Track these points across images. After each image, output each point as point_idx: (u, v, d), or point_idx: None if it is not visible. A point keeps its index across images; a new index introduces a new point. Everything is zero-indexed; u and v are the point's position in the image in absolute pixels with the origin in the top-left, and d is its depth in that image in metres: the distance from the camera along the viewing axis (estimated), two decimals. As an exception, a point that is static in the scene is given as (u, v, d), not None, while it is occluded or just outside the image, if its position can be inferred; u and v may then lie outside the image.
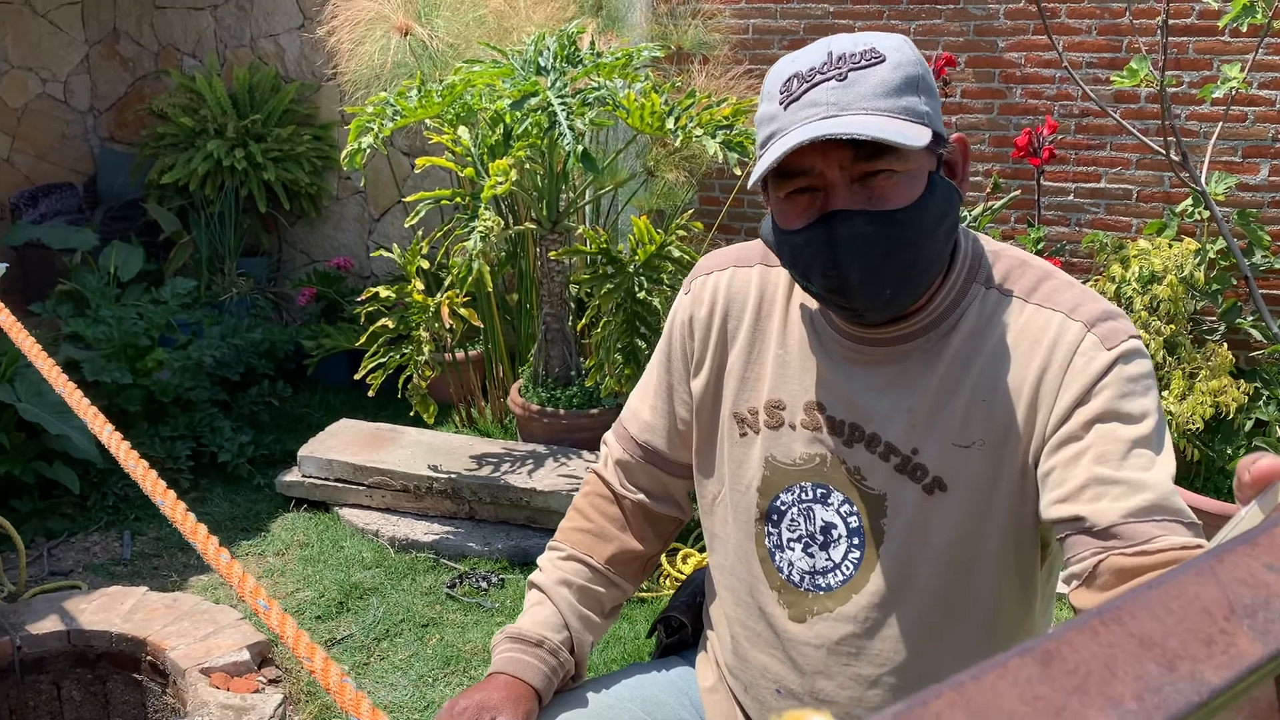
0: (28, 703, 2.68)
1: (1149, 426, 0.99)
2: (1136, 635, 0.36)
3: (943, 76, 3.69)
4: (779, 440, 1.14)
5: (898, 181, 0.99)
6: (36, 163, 6.08)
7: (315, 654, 0.83)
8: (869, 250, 0.99)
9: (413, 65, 3.57)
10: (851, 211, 0.99)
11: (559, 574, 1.24)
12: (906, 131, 0.96)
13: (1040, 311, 1.04)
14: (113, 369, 3.70)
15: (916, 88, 1.00)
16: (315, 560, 3.26)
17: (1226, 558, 0.40)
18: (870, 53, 0.99)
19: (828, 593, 1.12)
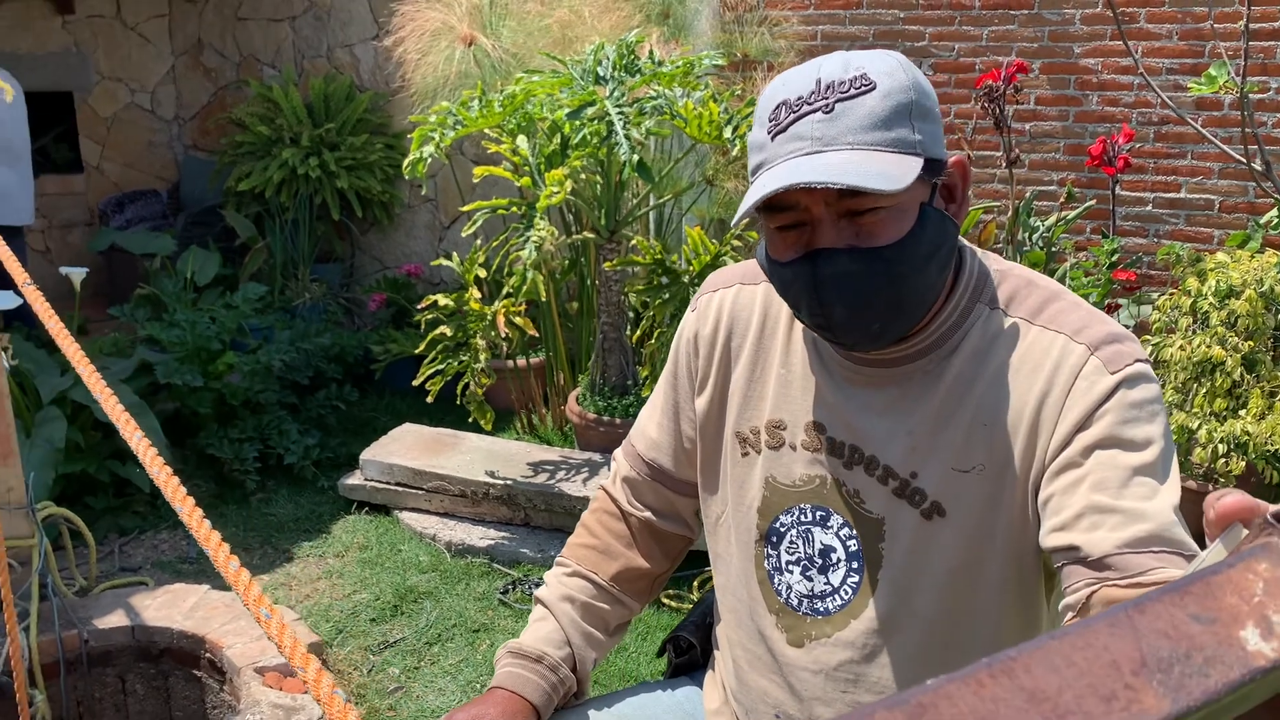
0: (94, 695, 2.77)
1: (1152, 454, 0.95)
2: (1027, 689, 0.34)
3: (1014, 83, 3.61)
4: (779, 461, 1.12)
5: (883, 217, 0.96)
6: (124, 170, 6.30)
7: (310, 664, 0.84)
8: (853, 289, 0.97)
9: (477, 75, 3.62)
10: (836, 250, 0.96)
11: (563, 590, 1.23)
12: (891, 171, 0.92)
13: (1044, 333, 1.01)
14: (184, 371, 3.80)
15: (909, 115, 0.96)
16: (373, 563, 3.31)
17: (1149, 607, 0.38)
18: (860, 80, 0.95)
19: (826, 617, 1.09)
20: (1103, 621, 0.37)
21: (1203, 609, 0.39)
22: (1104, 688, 0.35)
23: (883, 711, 0.32)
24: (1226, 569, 0.41)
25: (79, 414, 3.45)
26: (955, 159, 1.03)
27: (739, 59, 4.33)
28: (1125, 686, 0.35)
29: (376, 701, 2.60)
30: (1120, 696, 0.34)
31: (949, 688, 0.33)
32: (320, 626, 2.92)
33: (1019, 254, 3.88)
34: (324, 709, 0.84)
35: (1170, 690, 0.35)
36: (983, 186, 4.41)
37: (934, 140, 0.99)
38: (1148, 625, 0.37)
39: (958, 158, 1.04)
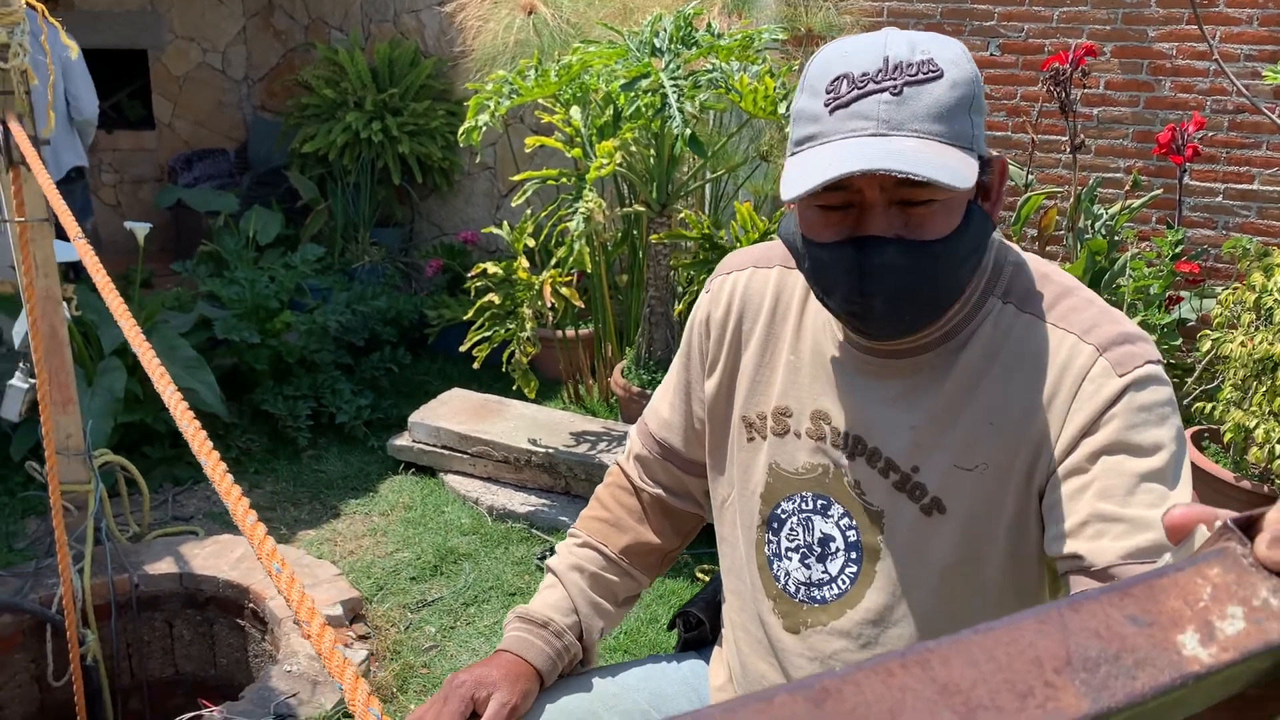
0: (142, 637, 2.86)
1: (1161, 460, 0.93)
2: (939, 681, 0.34)
3: (1081, 67, 3.52)
4: (784, 447, 1.11)
5: (936, 211, 0.93)
6: (195, 128, 6.42)
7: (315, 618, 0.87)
8: (898, 281, 0.94)
9: (536, 44, 3.62)
10: (886, 240, 0.93)
11: (573, 560, 1.24)
12: (958, 167, 0.90)
13: (1054, 331, 0.99)
14: (242, 328, 3.88)
15: (969, 108, 0.94)
16: (416, 523, 3.36)
17: (1084, 606, 0.38)
18: (928, 65, 0.92)
19: (822, 605, 1.09)
20: (1032, 618, 0.37)
21: (1141, 611, 0.38)
22: (1022, 684, 0.34)
23: (785, 695, 0.32)
24: (1174, 573, 0.41)
25: (139, 366, 3.54)
26: (998, 159, 1.01)
27: (801, 34, 4.28)
28: (1045, 684, 0.35)
29: (411, 658, 2.65)
30: (1037, 693, 0.34)
31: (858, 675, 0.33)
32: (361, 583, 2.98)
33: (1080, 241, 3.79)
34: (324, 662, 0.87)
35: (1092, 690, 0.35)
36: (1046, 171, 4.31)
37: (982, 136, 0.97)
38: (1079, 624, 0.37)
39: (1000, 157, 1.01)
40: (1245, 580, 0.41)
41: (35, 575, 2.81)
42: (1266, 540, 0.42)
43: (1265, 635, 0.39)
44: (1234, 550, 0.43)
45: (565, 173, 2.98)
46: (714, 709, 0.31)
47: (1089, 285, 3.65)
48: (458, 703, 1.07)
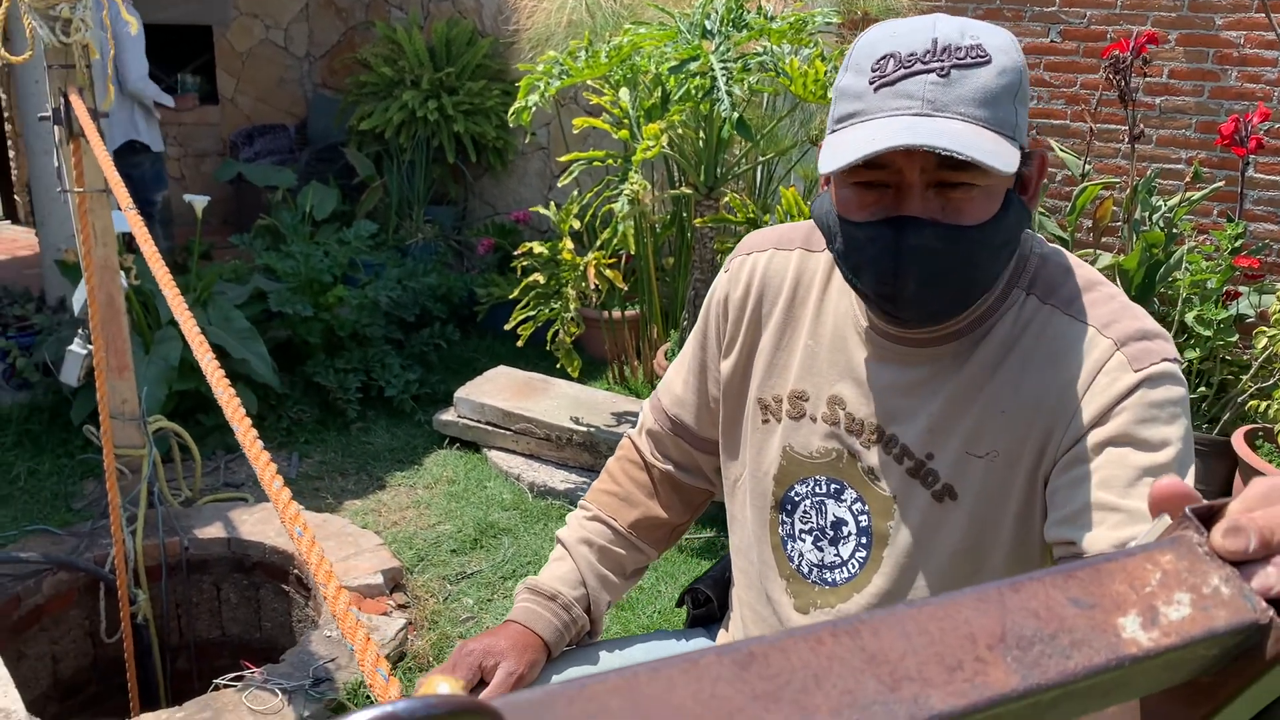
0: (191, 599, 2.95)
1: (1167, 456, 0.92)
2: (868, 650, 0.35)
3: (1142, 55, 3.45)
4: (799, 431, 1.11)
5: (975, 196, 0.93)
6: (256, 104, 6.54)
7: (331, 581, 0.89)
8: (933, 264, 0.94)
9: (588, 24, 3.63)
10: (924, 221, 0.93)
11: (582, 533, 1.25)
12: (1001, 153, 0.90)
13: (1073, 324, 0.99)
14: (296, 301, 3.96)
15: (1015, 96, 0.93)
16: (459, 497, 3.42)
17: (1025, 586, 0.39)
18: (977, 49, 0.91)
19: (832, 588, 1.10)
20: (971, 595, 0.38)
21: (1085, 593, 0.39)
22: (951, 658, 0.35)
23: (712, 655, 0.33)
24: (1124, 557, 0.42)
25: (195, 335, 3.63)
26: (1039, 153, 1.01)
27: (857, 17, 4.23)
28: (975, 658, 0.35)
29: (448, 629, 2.70)
30: (967, 667, 0.35)
31: (786, 641, 0.34)
32: (403, 553, 3.04)
33: (1135, 233, 3.72)
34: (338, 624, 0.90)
35: (1023, 667, 0.36)
36: (1104, 161, 4.23)
37: (1025, 128, 0.96)
38: (1018, 603, 0.38)
39: (1041, 152, 1.01)
40: (1197, 568, 0.41)
41: (91, 535, 2.91)
42: (1223, 529, 0.42)
43: (1210, 622, 0.39)
44: (1190, 538, 0.43)
45: (612, 154, 2.99)
46: (641, 667, 0.32)
47: (1143, 278, 3.59)
48: (465, 670, 1.10)
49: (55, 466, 3.44)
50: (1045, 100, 4.34)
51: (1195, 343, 3.50)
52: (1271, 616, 0.40)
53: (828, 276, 1.13)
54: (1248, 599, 0.40)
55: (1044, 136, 4.35)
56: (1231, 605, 0.40)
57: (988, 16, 4.38)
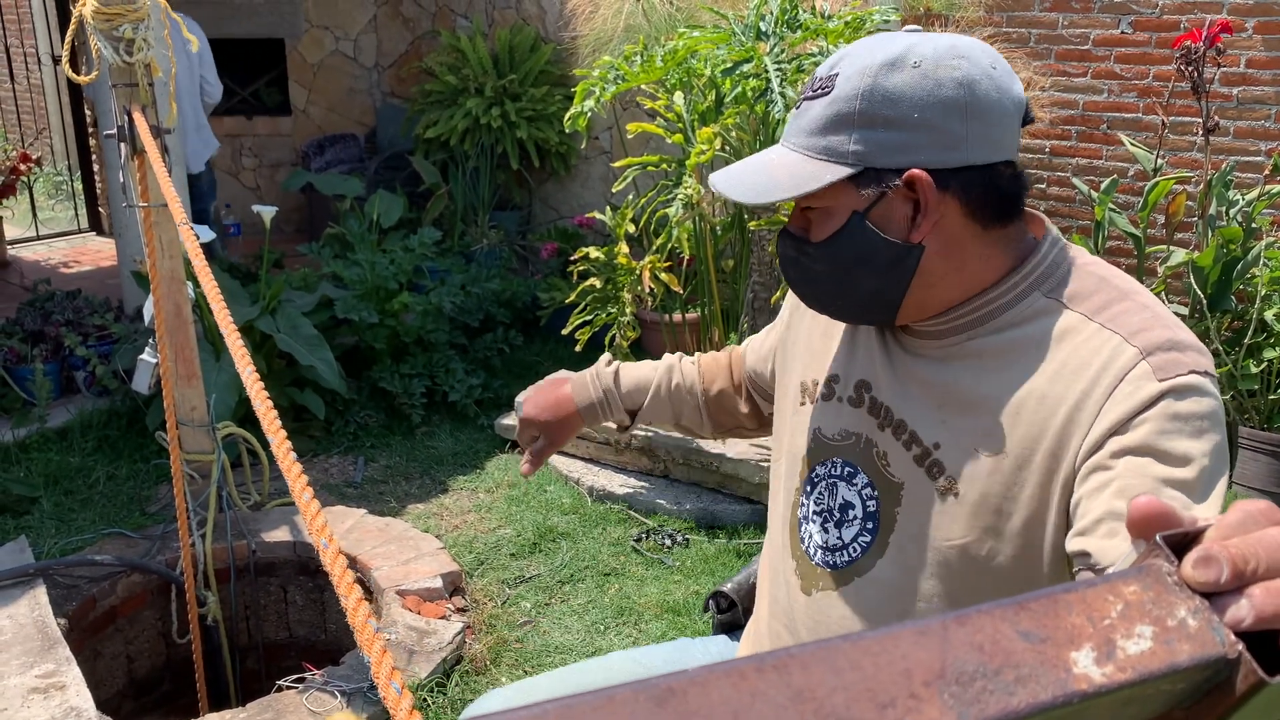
0: (259, 600, 3.02)
1: (1191, 472, 0.89)
2: (795, 687, 0.34)
3: (1215, 45, 3.33)
4: (827, 413, 1.15)
5: (815, 216, 1.04)
6: (327, 114, 6.68)
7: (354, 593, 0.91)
8: (792, 269, 1.09)
9: (645, 29, 3.64)
10: (787, 232, 1.08)
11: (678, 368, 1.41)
12: (783, 181, 1.00)
13: (1100, 332, 0.97)
14: (362, 308, 4.03)
15: (851, 124, 0.98)
16: (519, 500, 3.45)
17: (972, 619, 0.37)
18: (827, 81, 1.00)
19: (834, 570, 1.11)
20: (913, 628, 0.37)
21: (1036, 626, 0.38)
22: (884, 694, 0.34)
23: (627, 692, 0.33)
24: (1084, 588, 0.40)
25: (265, 342, 3.72)
26: (909, 173, 0.98)
27: (920, 13, 4.17)
28: (909, 695, 0.34)
29: (506, 633, 2.73)
30: (899, 705, 0.34)
31: (708, 677, 0.33)
32: (463, 556, 3.08)
33: (1211, 228, 3.60)
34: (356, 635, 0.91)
35: (961, 704, 0.35)
36: (1179, 155, 4.11)
37: (883, 150, 0.97)
38: (962, 637, 0.37)
39: (911, 172, 0.98)
40: (1164, 599, 0.40)
41: (163, 538, 3.00)
42: (1194, 559, 0.40)
43: (1171, 657, 0.38)
44: (1159, 568, 0.41)
45: (666, 159, 2.99)
46: (551, 704, 0.32)
47: (1218, 274, 3.48)
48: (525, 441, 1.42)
49: (131, 471, 3.55)
50: (1116, 94, 4.22)
51: (1275, 341, 3.37)
52: (1240, 650, 0.38)
53: None
54: (1216, 632, 0.39)
55: (1115, 131, 4.23)
56: (1198, 639, 0.38)
57: (1055, 8, 4.28)
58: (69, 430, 3.73)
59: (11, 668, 2.33)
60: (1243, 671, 0.38)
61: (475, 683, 2.52)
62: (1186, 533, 0.43)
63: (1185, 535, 0.43)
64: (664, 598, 2.87)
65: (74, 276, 5.78)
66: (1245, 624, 0.38)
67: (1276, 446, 3.34)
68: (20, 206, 6.95)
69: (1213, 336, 3.48)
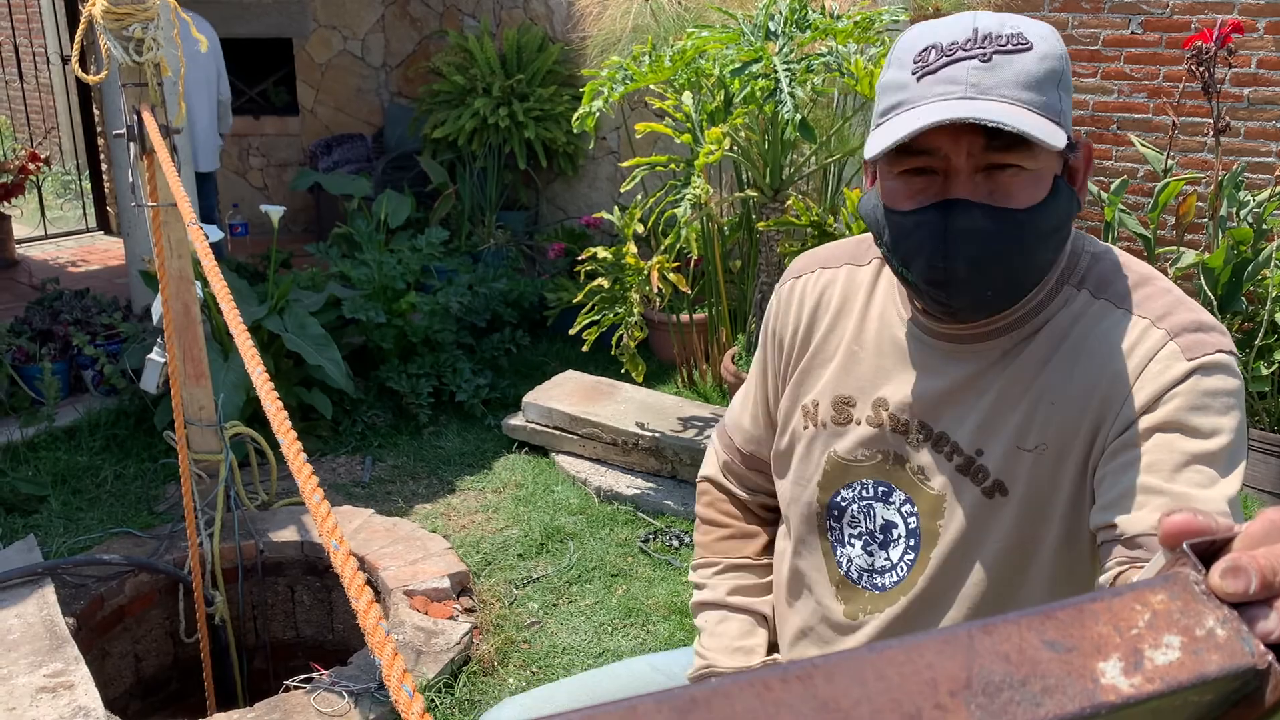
0: (267, 600, 3.02)
1: (1217, 444, 0.91)
2: (820, 698, 0.33)
3: (1227, 45, 3.32)
4: (844, 436, 1.11)
5: (1024, 180, 0.94)
6: (335, 114, 6.68)
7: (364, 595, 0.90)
8: (983, 247, 0.94)
9: (653, 29, 3.63)
10: (973, 203, 0.94)
11: (728, 586, 1.25)
12: (1047, 129, 0.90)
13: (1126, 317, 0.98)
14: (369, 308, 4.03)
15: (1058, 83, 0.94)
16: (527, 501, 3.44)
17: (998, 628, 0.37)
18: (1018, 37, 0.93)
19: (882, 593, 1.10)
20: (938, 637, 0.36)
21: (1063, 635, 0.37)
22: (909, 705, 0.34)
23: (650, 703, 0.32)
24: (1110, 596, 0.39)
25: (273, 342, 3.72)
26: (1084, 143, 1.01)
27: (929, 13, 4.16)
28: (935, 706, 0.34)
29: (513, 633, 2.72)
30: (925, 716, 0.33)
31: (731, 687, 0.33)
32: (470, 557, 3.08)
33: (1221, 230, 3.59)
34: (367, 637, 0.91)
35: (988, 715, 0.34)
36: (1189, 156, 4.09)
37: (1070, 116, 0.97)
38: (989, 646, 0.36)
39: (1086, 142, 1.02)
40: (1191, 609, 0.39)
41: (171, 538, 3.00)
42: (1222, 568, 0.40)
43: (1201, 668, 0.37)
44: (1186, 576, 0.41)
45: (674, 159, 2.99)
46: (574, 714, 0.32)
47: (1230, 276, 3.46)
48: None
49: (139, 470, 3.56)
50: (1126, 94, 4.21)
51: (1286, 343, 3.36)
52: (1270, 661, 0.38)
53: (873, 284, 1.14)
54: (1245, 642, 0.38)
55: (1125, 131, 4.22)
56: (1227, 649, 0.38)
57: (1065, 8, 4.27)
58: (77, 429, 3.74)
59: (20, 667, 2.34)
60: (1272, 683, 0.38)
61: (483, 683, 2.52)
62: (1214, 541, 0.42)
63: (1213, 544, 0.42)
64: (672, 599, 2.87)
65: (82, 276, 5.79)
66: (1276, 635, 0.38)
67: (1287, 449, 3.32)
68: (29, 206, 6.97)
69: (1223, 338, 3.46)
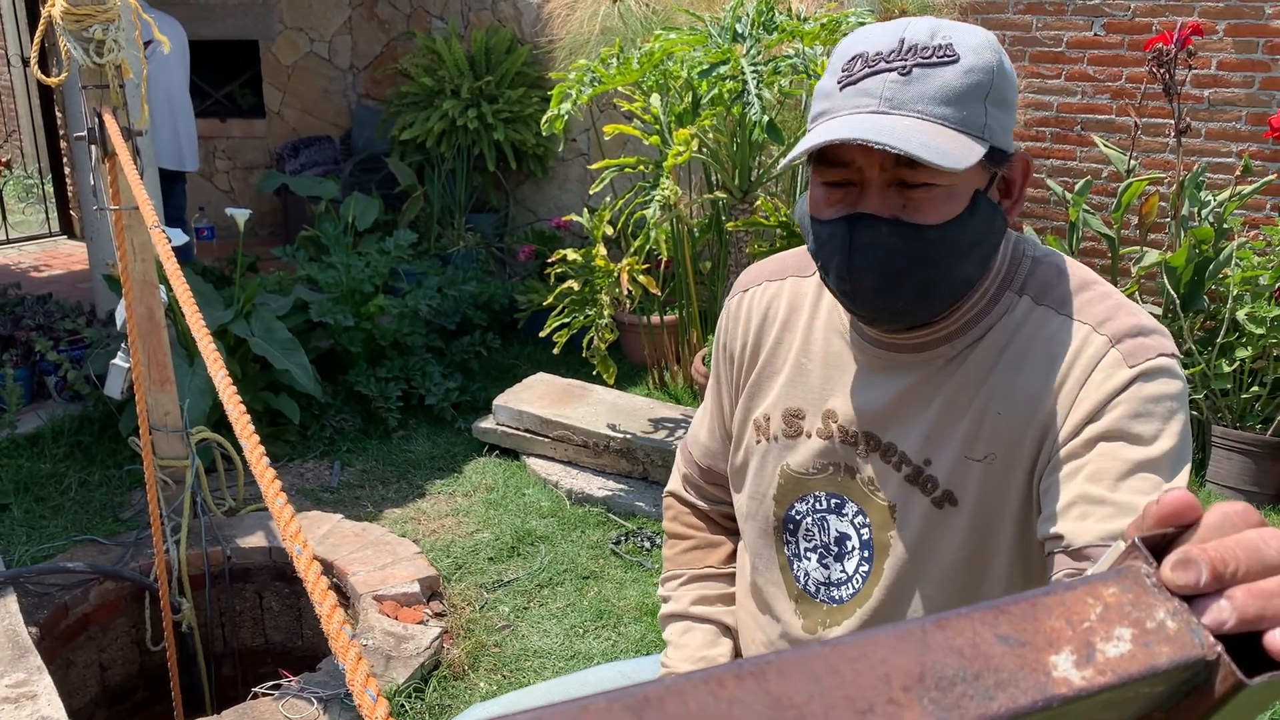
0: (235, 607, 3.00)
1: (1160, 450, 0.92)
2: (773, 694, 0.33)
3: (1187, 47, 3.37)
4: (795, 449, 1.11)
5: (935, 195, 0.94)
6: (302, 116, 6.63)
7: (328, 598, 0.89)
8: (886, 262, 0.95)
9: (621, 31, 3.63)
10: (878, 218, 0.94)
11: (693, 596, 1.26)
12: (952, 150, 0.89)
13: (1068, 323, 0.98)
14: (337, 311, 4.01)
15: (985, 97, 0.94)
16: (498, 504, 3.43)
17: (952, 622, 0.37)
18: (944, 49, 0.92)
19: (840, 605, 1.09)
20: (891, 632, 0.36)
21: (1015, 629, 0.37)
22: (862, 700, 0.34)
23: (602, 701, 0.32)
24: (1063, 590, 0.40)
25: (239, 346, 3.69)
26: (1019, 154, 1.00)
27: (896, 15, 4.18)
28: (888, 701, 0.34)
29: (484, 637, 2.71)
30: (878, 710, 0.33)
31: (684, 685, 0.33)
32: (440, 561, 3.06)
33: (1183, 229, 3.64)
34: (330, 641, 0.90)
35: (941, 710, 0.34)
36: (1152, 156, 4.14)
37: (1003, 129, 0.96)
38: (942, 640, 0.36)
39: (1021, 154, 1.00)
40: (1143, 601, 0.40)
41: (136, 545, 2.96)
42: (1172, 561, 0.40)
43: (1151, 659, 0.37)
44: (1138, 569, 0.41)
45: (643, 161, 2.99)
46: (524, 714, 0.32)
47: (1192, 275, 3.50)
48: None
49: (104, 477, 3.51)
50: (1090, 96, 4.25)
51: (1247, 341, 3.41)
52: (1220, 652, 0.38)
53: (819, 295, 1.14)
54: (1195, 634, 0.38)
55: (1088, 133, 4.26)
56: (1177, 641, 0.38)
57: (1030, 11, 4.31)
58: (40, 436, 3.69)
59: (-19, 678, 2.30)
60: (1222, 673, 0.38)
61: (453, 688, 2.50)
62: (1165, 534, 0.43)
63: (1164, 537, 0.43)
64: (643, 600, 2.87)
65: (45, 280, 5.72)
66: (1228, 626, 0.38)
67: (1249, 445, 3.37)
68: (-10, 210, 6.87)
69: (1186, 336, 3.51)
